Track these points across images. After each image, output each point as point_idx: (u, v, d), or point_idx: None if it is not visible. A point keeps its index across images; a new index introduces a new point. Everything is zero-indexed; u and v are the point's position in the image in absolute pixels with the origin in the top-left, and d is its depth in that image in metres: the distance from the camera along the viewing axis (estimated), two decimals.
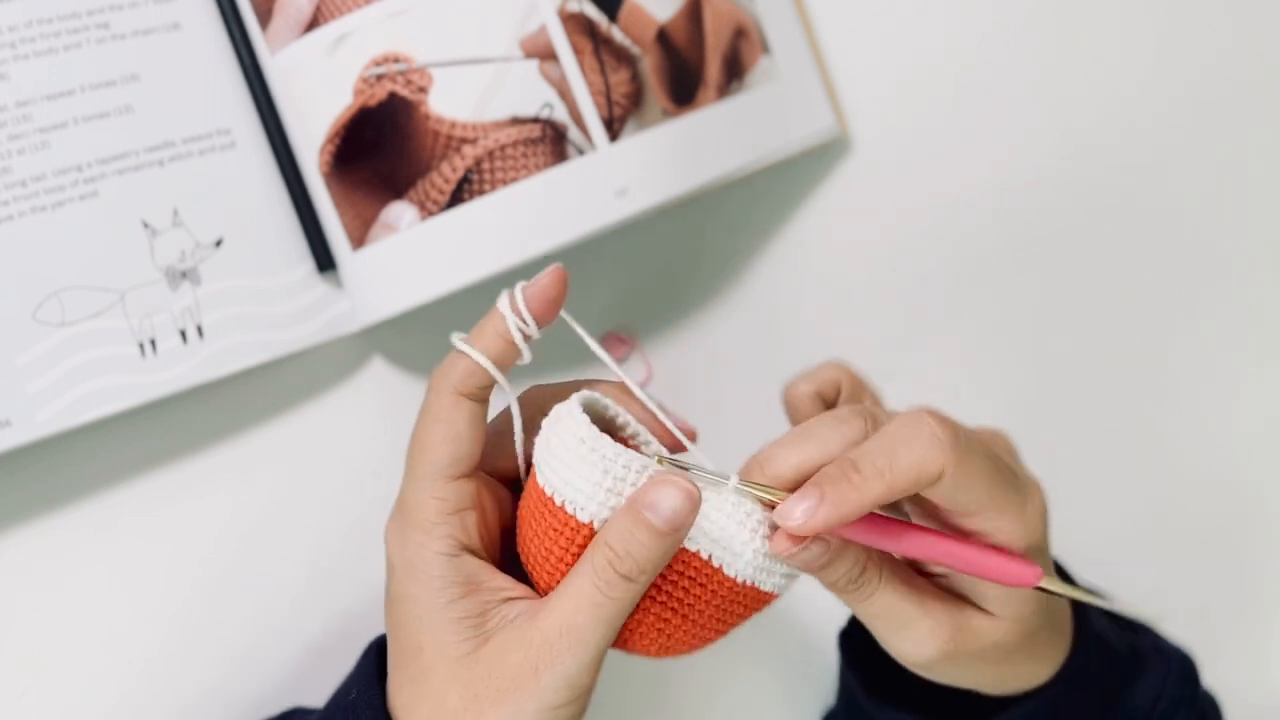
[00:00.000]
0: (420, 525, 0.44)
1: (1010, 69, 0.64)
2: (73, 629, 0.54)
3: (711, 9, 0.58)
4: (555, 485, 0.43)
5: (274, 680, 0.56)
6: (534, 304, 0.44)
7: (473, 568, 0.44)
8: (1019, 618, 0.45)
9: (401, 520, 0.45)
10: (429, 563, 0.43)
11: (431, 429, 0.45)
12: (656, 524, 0.41)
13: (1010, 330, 0.65)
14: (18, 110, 0.50)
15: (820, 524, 0.40)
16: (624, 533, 0.41)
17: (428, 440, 0.44)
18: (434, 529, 0.44)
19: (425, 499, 0.44)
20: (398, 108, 0.54)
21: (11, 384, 0.50)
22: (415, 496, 0.44)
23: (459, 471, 0.44)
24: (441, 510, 0.44)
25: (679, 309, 0.62)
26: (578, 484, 0.42)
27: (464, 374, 0.44)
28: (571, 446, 0.42)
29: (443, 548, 0.44)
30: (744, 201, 0.62)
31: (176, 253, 0.53)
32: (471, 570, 0.44)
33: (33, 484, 0.53)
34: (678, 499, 0.41)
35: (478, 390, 0.45)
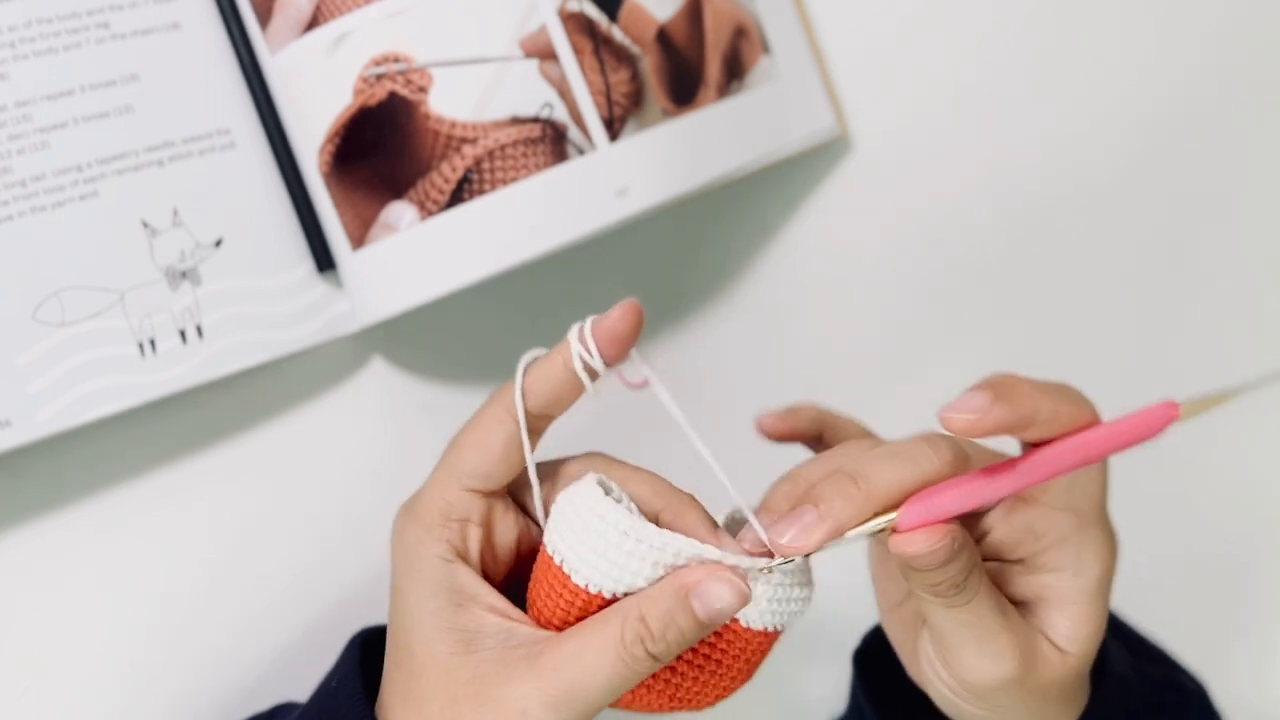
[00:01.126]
0: (422, 522, 0.44)
1: (1011, 69, 0.64)
2: (73, 629, 0.54)
3: (711, 9, 0.57)
4: (561, 551, 0.42)
5: (271, 676, 0.56)
6: (601, 339, 0.43)
7: (465, 579, 0.43)
8: (1083, 655, 0.44)
9: (409, 512, 0.45)
10: (422, 561, 0.43)
11: (468, 434, 0.44)
12: (701, 615, 0.41)
13: (1011, 330, 0.65)
14: (17, 110, 0.50)
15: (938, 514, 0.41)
16: (664, 615, 0.41)
17: (461, 443, 0.44)
18: (433, 530, 0.44)
19: (435, 498, 0.44)
20: (398, 107, 0.54)
21: (11, 384, 0.50)
22: (428, 493, 0.44)
23: (477, 485, 0.44)
24: (446, 514, 0.44)
25: (679, 309, 0.62)
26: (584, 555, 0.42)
27: (530, 398, 0.44)
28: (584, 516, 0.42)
29: (438, 550, 0.43)
30: (744, 201, 0.62)
31: (176, 253, 0.53)
32: (464, 582, 0.43)
33: (33, 484, 0.53)
34: (730, 598, 0.41)
35: (532, 419, 0.44)
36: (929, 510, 0.40)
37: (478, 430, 0.44)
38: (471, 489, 0.44)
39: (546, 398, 0.44)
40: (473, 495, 0.44)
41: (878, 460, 0.42)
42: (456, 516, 0.44)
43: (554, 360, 0.44)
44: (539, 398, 0.44)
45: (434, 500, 0.44)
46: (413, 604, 0.43)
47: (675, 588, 0.41)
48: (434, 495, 0.44)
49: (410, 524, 0.44)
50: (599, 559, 0.41)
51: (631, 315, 0.43)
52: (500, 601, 0.43)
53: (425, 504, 0.44)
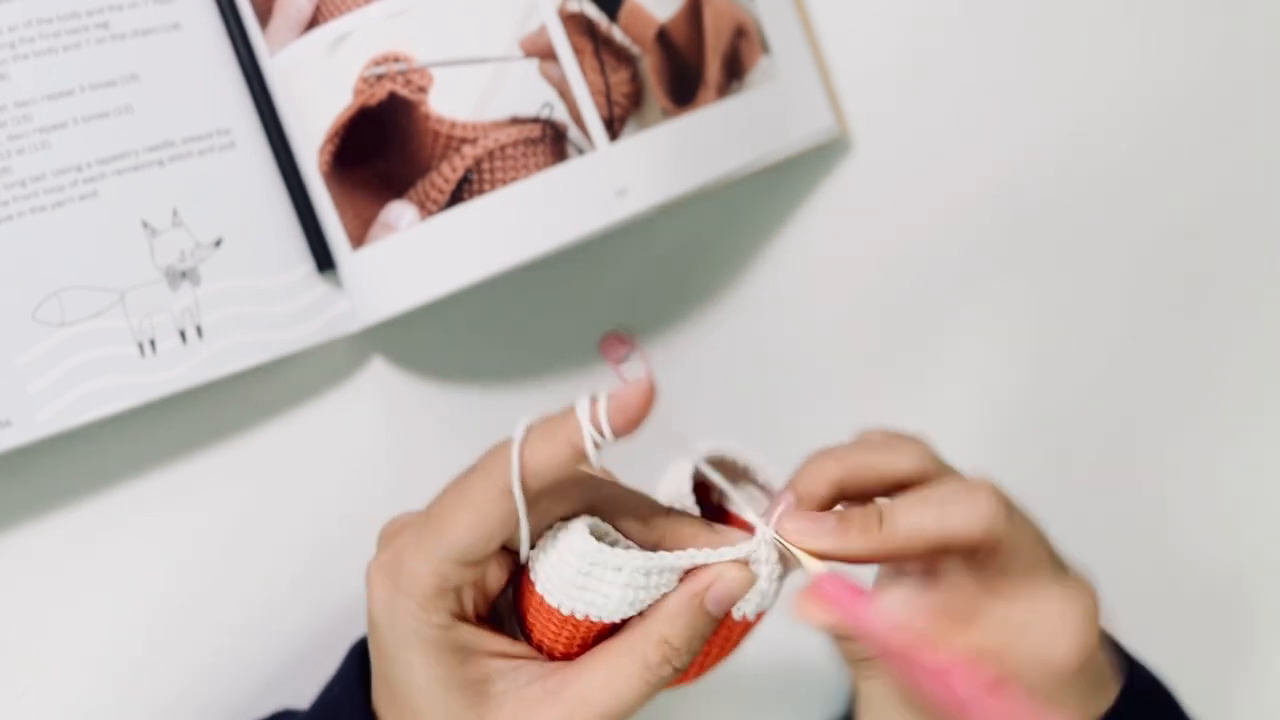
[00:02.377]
0: (415, 597, 0.41)
1: (1011, 69, 0.64)
2: (73, 629, 0.54)
3: (711, 9, 0.57)
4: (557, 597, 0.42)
5: (270, 677, 0.56)
6: (616, 418, 0.40)
7: (466, 636, 0.42)
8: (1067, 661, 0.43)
9: (393, 582, 0.42)
10: (421, 634, 0.42)
11: (460, 510, 0.41)
12: (715, 613, 0.42)
13: (1012, 330, 0.65)
14: (17, 110, 0.50)
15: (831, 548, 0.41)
16: (688, 629, 0.41)
17: (452, 520, 0.41)
18: (429, 604, 0.41)
19: (425, 574, 0.41)
20: (397, 107, 0.54)
21: (11, 384, 0.50)
22: (415, 567, 0.41)
23: (472, 560, 0.41)
24: (439, 588, 0.41)
25: (679, 309, 0.62)
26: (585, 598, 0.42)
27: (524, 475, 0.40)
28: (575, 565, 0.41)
29: (437, 620, 0.42)
30: (744, 201, 0.62)
31: (176, 253, 0.53)
32: (466, 639, 0.42)
33: (33, 484, 0.53)
34: (739, 588, 0.42)
35: (532, 493, 0.41)
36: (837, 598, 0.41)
37: (470, 509, 0.41)
38: (462, 563, 0.41)
39: (548, 480, 0.41)
40: (464, 567, 0.42)
41: (911, 504, 0.42)
42: (451, 587, 0.42)
43: (558, 438, 0.40)
44: (540, 480, 0.40)
45: (424, 574, 0.41)
46: (415, 673, 0.42)
47: (689, 598, 0.42)
48: (423, 569, 0.41)
49: (400, 599, 0.42)
50: (608, 601, 0.41)
51: (649, 395, 0.40)
52: (502, 644, 0.43)
53: (414, 577, 0.41)
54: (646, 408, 0.40)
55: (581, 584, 0.41)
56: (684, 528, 0.43)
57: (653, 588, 0.42)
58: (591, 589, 0.41)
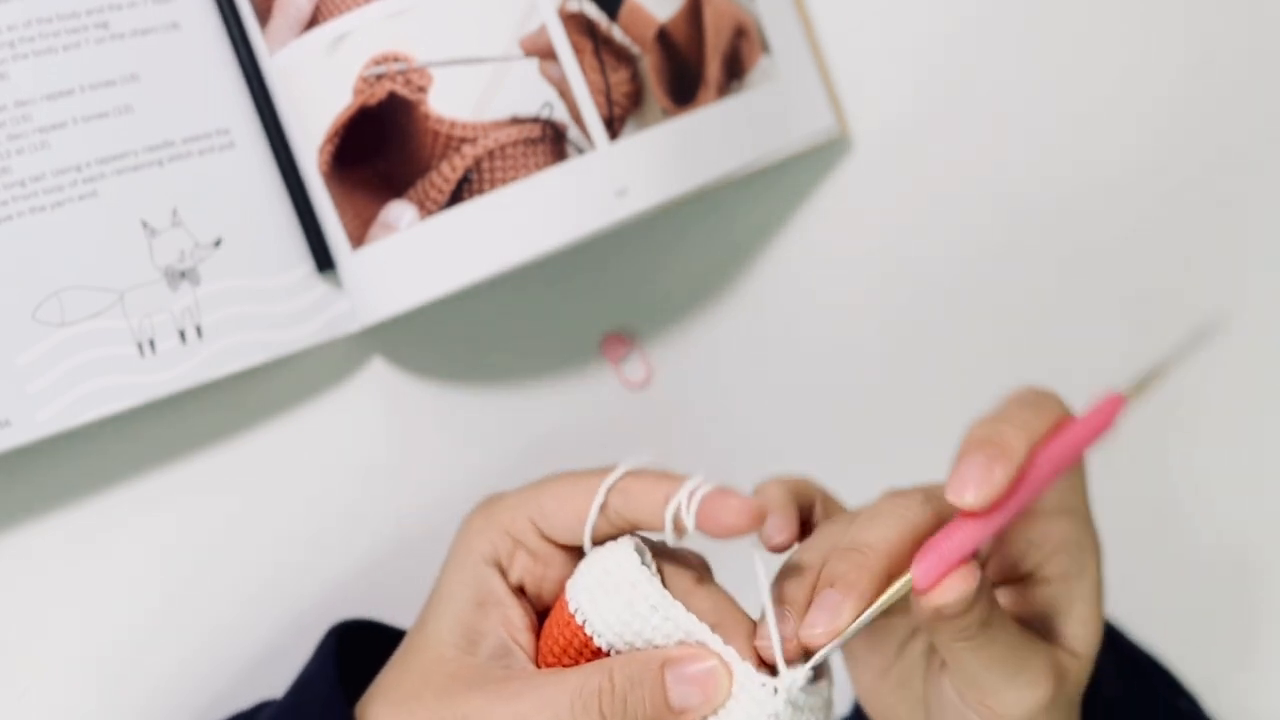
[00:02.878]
0: (487, 519, 0.44)
1: (1012, 68, 0.64)
2: (73, 629, 0.54)
3: (711, 8, 0.57)
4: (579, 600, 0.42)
5: (269, 677, 0.56)
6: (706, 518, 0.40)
7: (495, 585, 0.43)
8: (1093, 654, 0.43)
9: (486, 504, 0.45)
10: (466, 552, 0.44)
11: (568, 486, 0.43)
12: (671, 696, 0.40)
13: (1011, 330, 0.65)
14: (17, 110, 0.50)
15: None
16: (632, 677, 0.40)
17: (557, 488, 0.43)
18: (490, 531, 0.44)
19: (510, 511, 0.44)
20: (397, 107, 0.54)
21: (11, 384, 0.50)
22: (509, 501, 0.44)
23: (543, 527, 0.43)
24: (509, 528, 0.43)
25: (679, 309, 0.62)
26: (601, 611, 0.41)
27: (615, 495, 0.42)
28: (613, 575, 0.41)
29: (482, 549, 0.43)
30: (744, 201, 0.62)
31: (176, 253, 0.53)
32: (493, 586, 0.43)
33: (33, 484, 0.53)
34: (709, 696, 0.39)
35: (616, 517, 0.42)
36: (942, 558, 0.39)
37: (576, 490, 0.43)
38: (537, 525, 0.43)
39: (634, 518, 0.42)
40: (534, 531, 0.43)
41: (866, 526, 0.41)
42: (514, 534, 0.43)
43: (656, 492, 0.41)
44: (629, 511, 0.42)
45: (508, 511, 0.44)
46: (444, 587, 0.44)
47: (655, 656, 0.40)
48: (512, 509, 0.44)
49: (478, 516, 0.45)
50: (608, 612, 0.41)
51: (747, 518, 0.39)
52: (519, 618, 0.43)
53: (498, 507, 0.44)
54: (742, 528, 0.39)
55: (597, 582, 0.41)
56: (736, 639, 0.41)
57: (649, 629, 0.40)
58: (601, 592, 0.41)
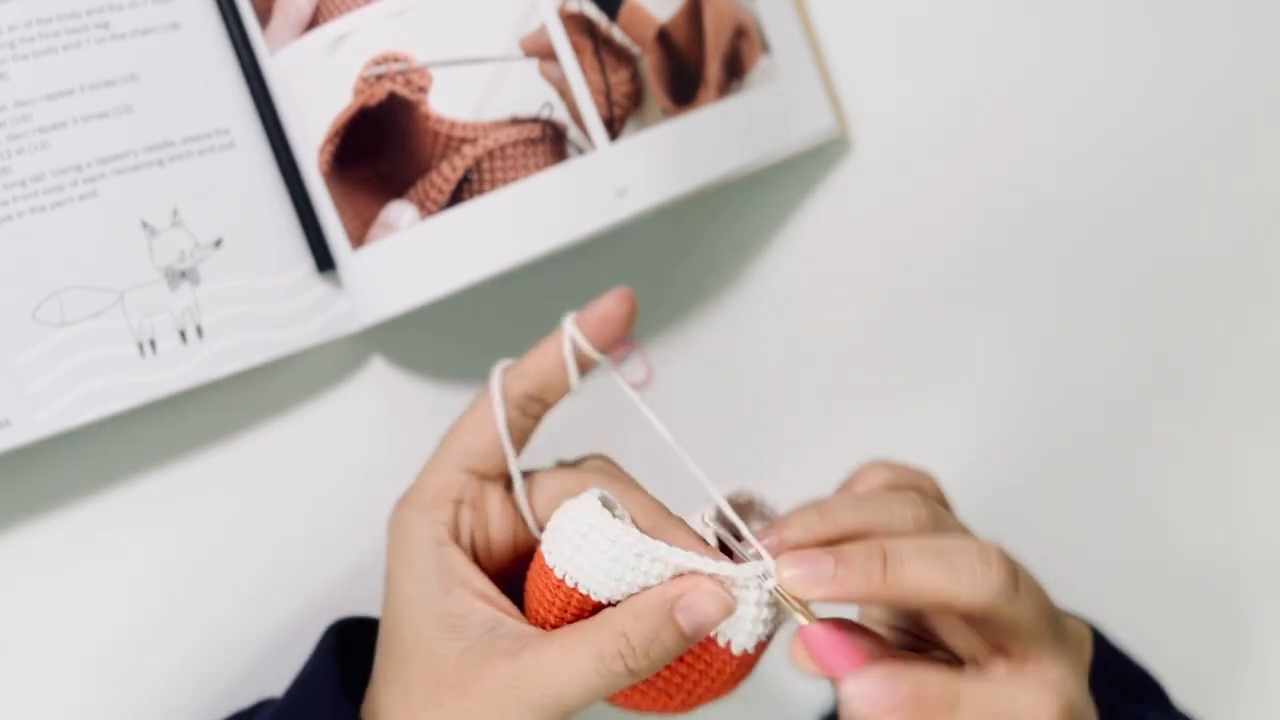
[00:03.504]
0: (417, 505, 0.44)
1: (1012, 68, 0.64)
2: (73, 629, 0.54)
3: (711, 9, 0.57)
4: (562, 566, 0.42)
5: (269, 677, 0.56)
6: (593, 324, 0.44)
7: (455, 562, 0.43)
8: None
9: (405, 498, 0.45)
10: (415, 546, 0.43)
11: (464, 419, 0.46)
12: (685, 629, 0.40)
13: (1012, 330, 0.65)
14: (17, 110, 0.50)
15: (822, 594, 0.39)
16: (648, 631, 0.40)
17: (456, 428, 0.46)
18: (427, 512, 0.44)
19: (430, 481, 0.45)
20: (397, 107, 0.54)
21: (11, 384, 0.50)
22: (422, 478, 0.45)
23: (473, 464, 0.44)
24: (440, 495, 0.44)
25: (679, 309, 0.62)
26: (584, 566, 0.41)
27: (512, 379, 0.45)
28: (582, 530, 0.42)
29: (431, 533, 0.43)
30: (744, 201, 0.62)
31: (176, 253, 0.53)
32: (454, 564, 0.43)
33: (33, 484, 0.53)
34: (715, 611, 0.40)
35: (524, 401, 0.45)
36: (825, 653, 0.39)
37: (475, 414, 0.45)
38: (467, 468, 0.44)
39: (540, 381, 0.45)
40: (468, 476, 0.44)
41: (918, 554, 0.39)
42: (451, 497, 0.44)
43: (548, 346, 0.45)
44: (532, 380, 0.45)
45: (429, 483, 0.45)
46: (404, 590, 0.43)
47: (660, 601, 0.40)
48: (429, 478, 0.45)
49: (405, 509, 0.45)
50: (596, 570, 0.41)
51: (624, 301, 0.44)
52: (490, 588, 0.43)
53: (420, 488, 0.45)
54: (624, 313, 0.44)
55: (577, 545, 0.41)
56: (684, 537, 0.43)
57: (641, 573, 0.41)
58: (585, 553, 0.41)
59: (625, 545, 0.41)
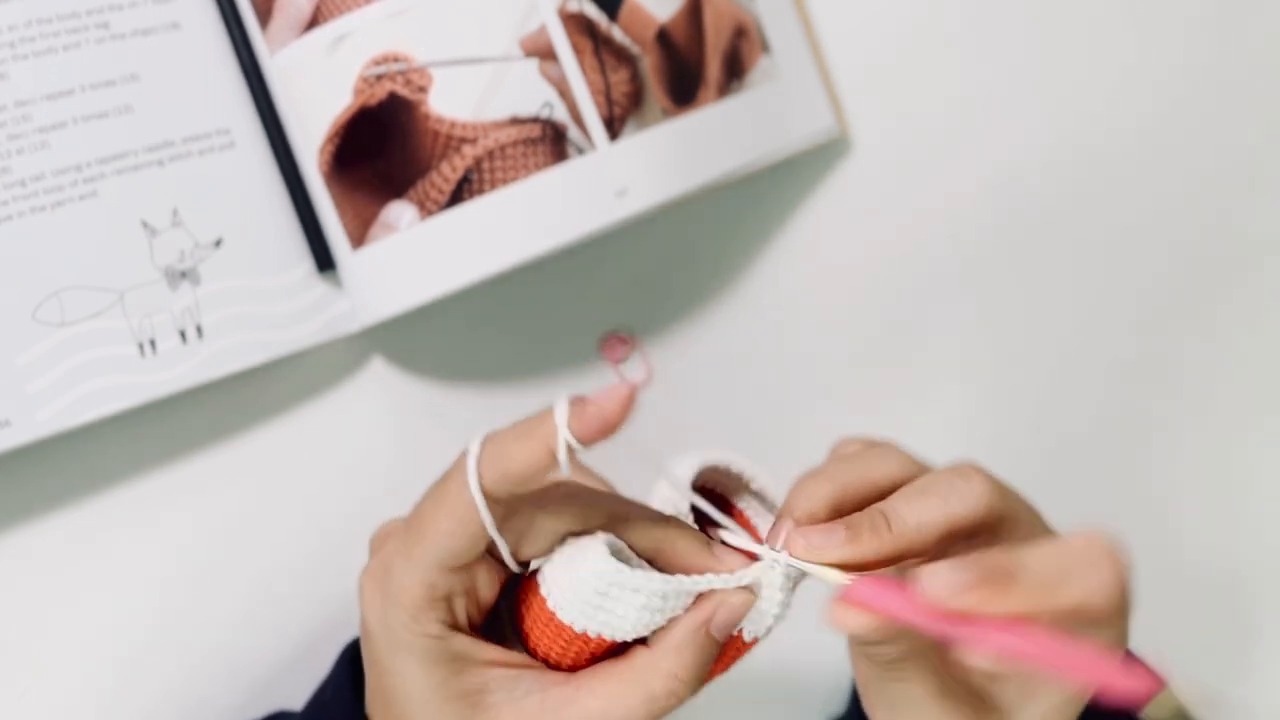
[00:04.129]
0: (405, 608, 0.41)
1: (1012, 68, 0.64)
2: (73, 628, 0.54)
3: (711, 8, 0.57)
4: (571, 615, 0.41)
5: (269, 677, 0.56)
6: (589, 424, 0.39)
7: (461, 645, 0.42)
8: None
9: (385, 594, 0.42)
10: (414, 644, 0.41)
11: (440, 515, 0.41)
12: (719, 638, 0.42)
13: (1011, 330, 0.65)
14: (17, 110, 0.50)
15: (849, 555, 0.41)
16: (695, 662, 0.41)
17: (433, 526, 0.41)
18: (420, 615, 0.41)
19: (414, 584, 0.41)
20: (397, 107, 0.54)
21: (11, 384, 0.50)
22: (404, 578, 0.41)
23: (458, 564, 0.41)
24: (430, 597, 0.41)
25: (679, 309, 0.62)
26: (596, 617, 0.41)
27: (494, 473, 0.40)
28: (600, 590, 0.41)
29: (430, 630, 0.41)
30: (744, 201, 0.62)
31: (176, 253, 0.53)
32: (460, 648, 0.42)
33: (33, 484, 0.53)
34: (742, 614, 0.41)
35: (506, 496, 0.41)
36: (871, 598, 0.40)
37: (449, 514, 0.41)
38: (452, 568, 0.41)
39: (520, 480, 0.40)
40: (453, 574, 0.41)
41: (910, 498, 0.42)
42: (440, 595, 0.41)
43: (534, 439, 0.40)
44: (512, 481, 0.40)
45: (412, 585, 0.41)
46: (410, 684, 0.42)
47: (696, 629, 0.41)
48: (411, 579, 0.41)
49: (391, 608, 0.41)
50: (623, 622, 0.41)
51: (626, 407, 0.39)
52: (497, 653, 0.42)
53: (403, 588, 0.41)
54: (621, 418, 0.39)
55: (598, 604, 0.41)
56: (680, 540, 0.42)
57: (668, 610, 0.41)
58: (608, 609, 0.41)
59: (650, 593, 0.41)
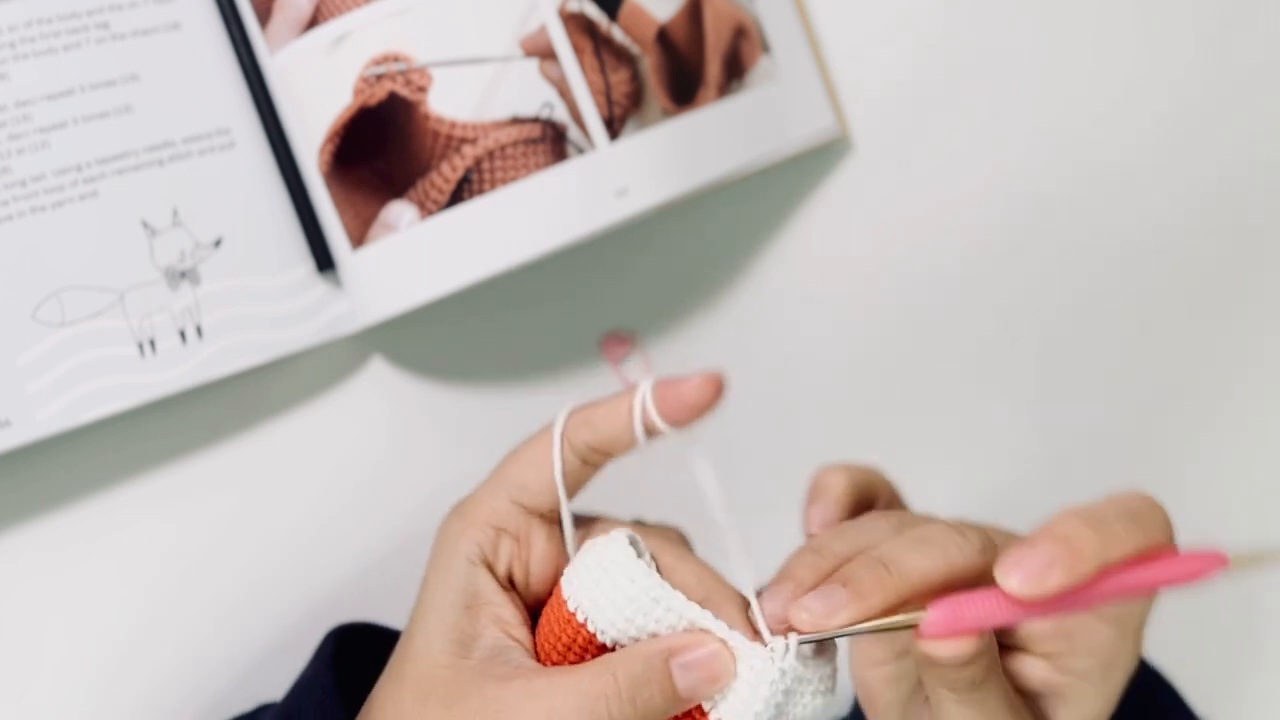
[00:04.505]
0: (463, 518, 0.44)
1: (1012, 68, 0.64)
2: (74, 629, 0.54)
3: (711, 9, 0.58)
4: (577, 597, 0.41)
5: (269, 677, 0.56)
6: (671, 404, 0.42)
7: (483, 584, 0.43)
8: None
9: (456, 510, 0.45)
10: (450, 557, 0.44)
11: (526, 449, 0.44)
12: (680, 686, 0.39)
13: (1013, 329, 0.65)
14: (17, 110, 0.50)
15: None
16: (639, 675, 0.39)
17: (517, 457, 0.45)
18: (470, 529, 0.44)
19: (482, 502, 0.44)
20: (397, 107, 0.54)
21: (11, 384, 0.50)
22: (477, 496, 0.45)
23: (524, 499, 0.44)
24: (488, 519, 0.44)
25: (679, 309, 0.62)
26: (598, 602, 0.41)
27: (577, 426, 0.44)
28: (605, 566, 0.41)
29: (467, 550, 0.43)
30: (744, 201, 0.62)
31: (176, 253, 0.53)
32: (481, 586, 0.43)
33: (33, 484, 0.53)
34: (715, 675, 0.39)
35: (586, 451, 0.44)
36: (958, 619, 0.38)
37: (534, 449, 0.44)
38: (518, 501, 0.44)
39: (607, 436, 0.44)
40: (517, 509, 0.44)
41: (908, 548, 0.40)
42: (496, 522, 0.44)
43: (620, 404, 0.43)
44: (599, 433, 0.44)
45: (480, 503, 0.44)
46: (429, 596, 0.44)
47: (658, 650, 0.40)
48: (481, 499, 0.44)
49: (453, 519, 0.45)
50: (610, 606, 0.40)
51: (713, 390, 0.41)
52: (511, 615, 0.43)
53: (472, 504, 0.44)
54: (706, 401, 0.41)
55: (596, 579, 0.41)
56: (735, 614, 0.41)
57: (654, 620, 0.40)
58: (601, 589, 0.41)
59: (643, 588, 0.40)
